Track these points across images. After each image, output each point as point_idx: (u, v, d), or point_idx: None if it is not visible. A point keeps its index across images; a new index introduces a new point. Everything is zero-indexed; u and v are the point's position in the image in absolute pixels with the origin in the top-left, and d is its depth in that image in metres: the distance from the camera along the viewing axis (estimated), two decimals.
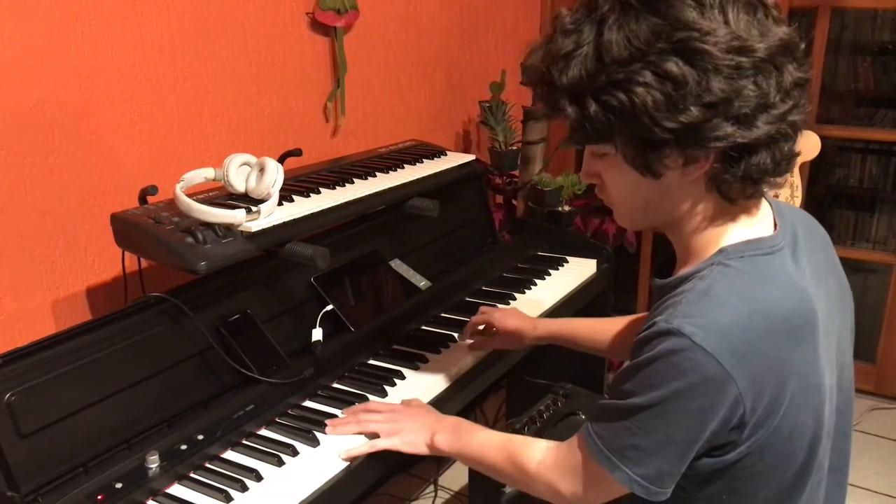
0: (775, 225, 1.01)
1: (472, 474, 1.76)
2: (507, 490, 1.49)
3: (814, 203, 3.57)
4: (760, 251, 0.96)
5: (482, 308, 1.67)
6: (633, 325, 1.44)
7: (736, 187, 0.93)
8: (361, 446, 1.28)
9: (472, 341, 1.64)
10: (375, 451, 1.28)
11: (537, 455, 1.10)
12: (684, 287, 0.96)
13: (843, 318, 1.09)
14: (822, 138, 1.67)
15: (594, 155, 1.01)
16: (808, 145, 1.63)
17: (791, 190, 1.64)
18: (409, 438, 1.27)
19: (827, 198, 3.73)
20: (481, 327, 1.64)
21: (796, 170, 1.64)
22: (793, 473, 0.99)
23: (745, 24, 0.87)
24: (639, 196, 0.99)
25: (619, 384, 0.98)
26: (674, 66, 0.85)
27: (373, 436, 1.30)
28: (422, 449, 1.26)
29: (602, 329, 1.50)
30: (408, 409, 1.34)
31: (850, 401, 1.11)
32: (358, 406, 1.38)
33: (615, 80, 0.88)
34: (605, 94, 0.89)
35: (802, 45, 0.93)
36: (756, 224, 0.99)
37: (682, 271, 1.00)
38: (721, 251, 0.96)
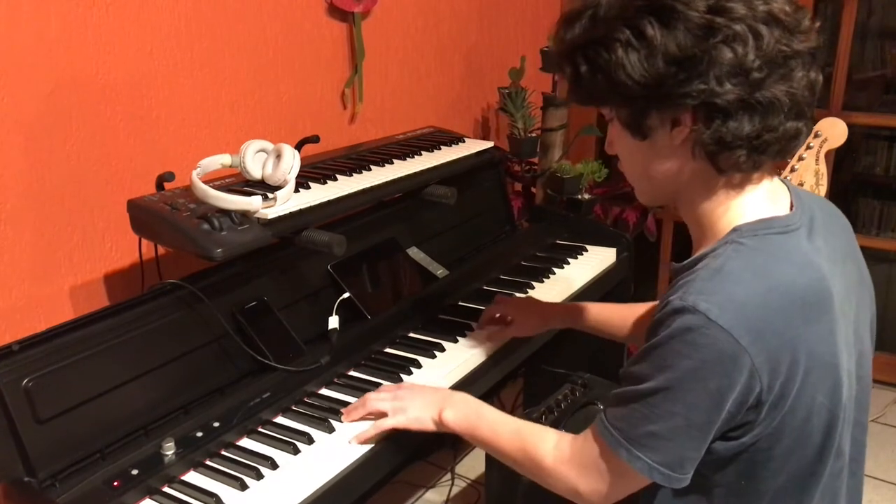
0: (791, 207, 1.01)
1: (489, 463, 1.76)
2: (523, 479, 1.49)
3: (839, 191, 3.51)
4: (775, 230, 0.95)
5: (497, 297, 1.66)
6: (651, 311, 1.42)
7: (719, 154, 0.93)
8: (370, 429, 1.27)
9: (487, 331, 1.62)
10: (385, 432, 1.26)
11: (553, 450, 1.08)
12: (698, 266, 0.95)
13: (862, 306, 1.07)
14: (849, 126, 1.63)
15: (607, 121, 1.04)
16: (835, 132, 1.59)
17: (816, 178, 1.60)
18: (416, 415, 1.24)
19: (852, 186, 3.66)
20: (497, 315, 1.63)
21: (822, 158, 1.61)
22: (810, 457, 0.97)
23: None
24: (638, 161, 1.02)
25: (633, 367, 0.96)
26: (648, 25, 0.88)
27: (382, 417, 1.29)
28: (429, 425, 1.24)
29: (620, 314, 1.48)
30: (416, 386, 1.34)
31: (868, 390, 1.09)
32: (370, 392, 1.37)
33: (599, 37, 0.92)
34: (592, 52, 0.93)
35: (804, 20, 0.92)
36: (771, 204, 0.99)
37: (698, 252, 0.99)
38: (735, 230, 0.96)
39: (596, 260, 2.04)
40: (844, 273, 1.02)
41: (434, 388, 1.35)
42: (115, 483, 1.15)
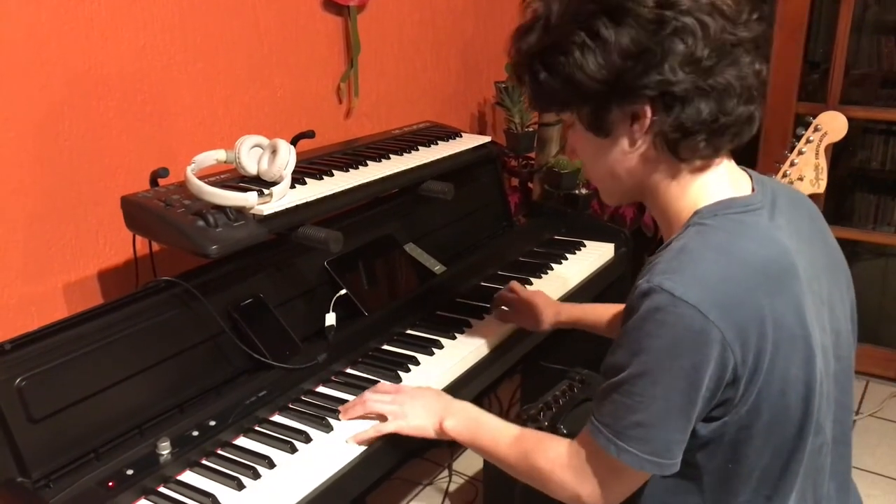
0: (753, 190, 1.04)
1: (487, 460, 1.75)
2: None
3: (835, 186, 3.50)
4: (735, 209, 0.99)
5: (511, 284, 1.67)
6: None
7: (680, 142, 0.96)
8: (368, 430, 1.26)
9: (496, 313, 1.64)
10: (384, 435, 1.26)
11: (551, 454, 1.08)
12: (663, 250, 0.98)
13: (836, 287, 1.08)
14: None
15: (568, 127, 1.08)
16: (835, 126, 1.58)
17: (816, 172, 1.59)
18: (417, 422, 1.24)
19: (849, 180, 3.66)
20: (506, 308, 1.65)
21: (821, 152, 1.60)
22: (791, 433, 0.98)
23: None
24: (603, 162, 1.04)
25: (610, 358, 0.98)
26: (601, 25, 0.92)
27: (381, 419, 1.28)
28: (429, 433, 1.24)
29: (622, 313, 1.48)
30: (417, 391, 1.32)
31: (850, 371, 1.11)
32: (368, 390, 1.36)
33: (555, 42, 0.96)
34: (550, 58, 0.96)
35: (744, 11, 0.96)
36: (731, 188, 1.02)
37: (665, 242, 1.02)
38: (696, 213, 1.00)
39: (594, 255, 2.03)
40: (812, 253, 1.04)
41: (433, 392, 1.33)
42: (110, 483, 1.14)
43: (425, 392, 1.32)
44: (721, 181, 1.01)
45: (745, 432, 0.97)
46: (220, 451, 1.24)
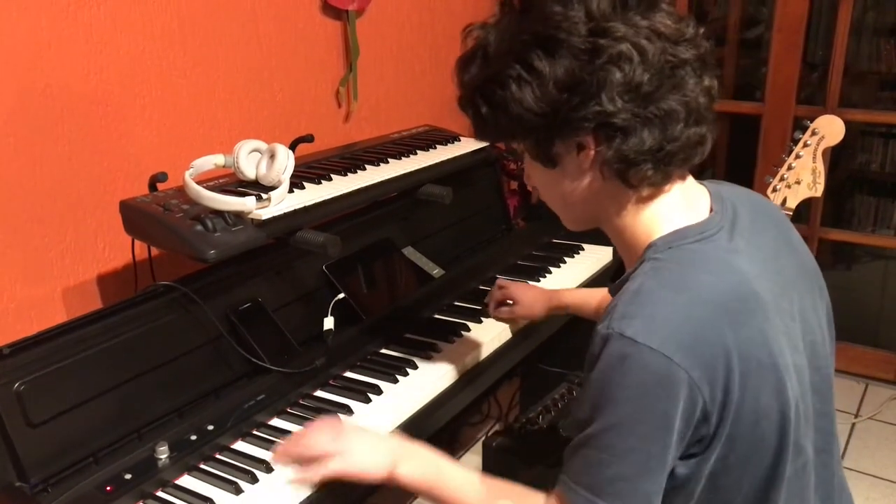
0: (712, 209, 1.00)
1: (486, 460, 1.75)
2: (521, 478, 1.47)
3: (835, 189, 3.51)
4: (689, 239, 0.95)
5: (498, 282, 1.68)
6: None
7: (627, 171, 0.93)
8: (307, 473, 1.06)
9: (498, 311, 1.65)
10: (326, 478, 1.06)
11: None
12: (622, 289, 0.95)
13: (807, 296, 1.06)
14: (845, 123, 1.62)
15: (520, 155, 1.05)
16: (832, 130, 1.58)
17: (814, 176, 1.59)
18: (363, 461, 1.05)
19: (848, 183, 3.66)
20: (506, 304, 1.66)
21: (819, 156, 1.59)
22: (769, 460, 0.96)
23: (608, 10, 0.89)
24: (554, 190, 1.02)
25: (578, 412, 0.94)
26: (535, 57, 0.90)
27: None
28: (377, 473, 1.05)
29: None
30: (362, 429, 1.15)
31: (829, 380, 1.07)
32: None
33: (492, 75, 0.93)
34: (488, 91, 0.94)
35: (687, 29, 0.93)
36: (686, 212, 0.99)
37: (626, 272, 0.99)
38: (650, 246, 0.96)
39: (592, 259, 2.03)
40: (777, 269, 1.01)
41: (380, 434, 1.18)
42: (108, 487, 1.14)
43: (371, 432, 1.15)
44: (675, 206, 0.98)
45: (720, 464, 0.94)
46: (218, 456, 1.24)
